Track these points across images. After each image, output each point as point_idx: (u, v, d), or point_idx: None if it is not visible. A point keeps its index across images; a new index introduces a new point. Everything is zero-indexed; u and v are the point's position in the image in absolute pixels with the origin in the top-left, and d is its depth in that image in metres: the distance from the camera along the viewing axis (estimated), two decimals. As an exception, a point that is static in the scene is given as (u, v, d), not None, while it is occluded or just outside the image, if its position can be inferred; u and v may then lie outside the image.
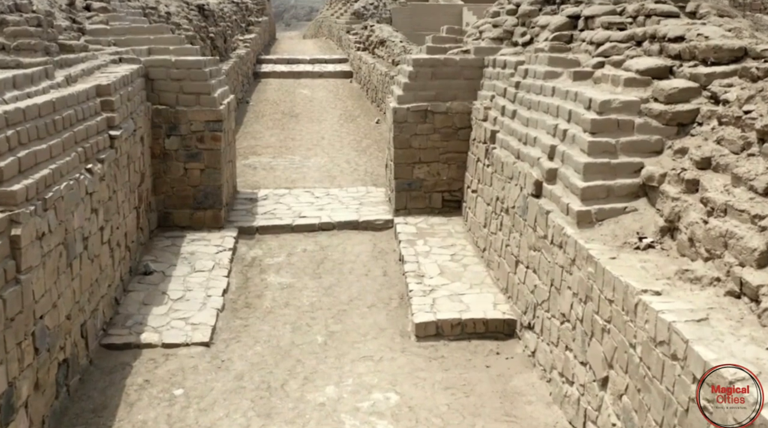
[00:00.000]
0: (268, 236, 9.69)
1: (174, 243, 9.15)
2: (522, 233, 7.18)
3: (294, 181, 12.23)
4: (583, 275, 5.53)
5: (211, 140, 9.56)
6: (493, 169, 8.43)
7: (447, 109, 9.76)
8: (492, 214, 8.37)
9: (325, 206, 10.59)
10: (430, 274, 8.12)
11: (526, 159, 7.32)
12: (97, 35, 10.19)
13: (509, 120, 8.34)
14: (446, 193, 9.98)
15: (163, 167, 9.57)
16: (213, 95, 9.60)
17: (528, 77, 8.29)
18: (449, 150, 9.84)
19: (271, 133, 16.75)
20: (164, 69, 9.48)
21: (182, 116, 9.48)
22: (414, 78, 9.81)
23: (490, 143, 8.68)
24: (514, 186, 7.53)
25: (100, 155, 7.15)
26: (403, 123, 9.77)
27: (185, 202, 9.64)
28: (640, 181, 5.99)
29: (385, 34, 22.89)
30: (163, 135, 9.51)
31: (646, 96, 6.44)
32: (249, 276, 8.52)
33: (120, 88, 8.05)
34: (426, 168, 9.88)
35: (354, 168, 13.19)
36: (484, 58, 9.73)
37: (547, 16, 9.49)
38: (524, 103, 8.05)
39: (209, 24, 19.09)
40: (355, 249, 9.27)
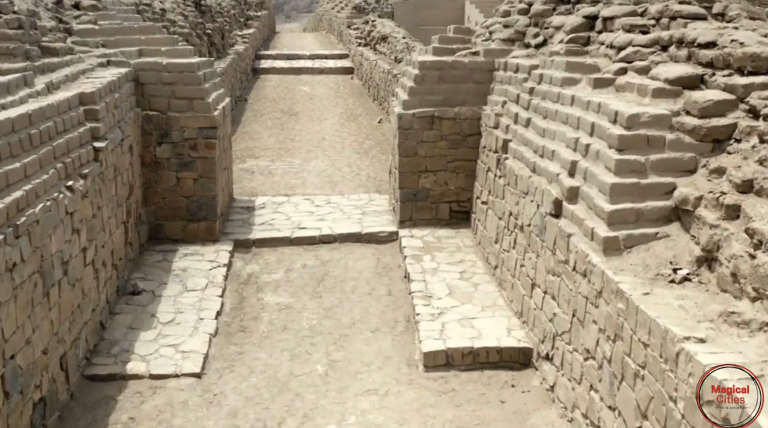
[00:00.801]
0: (266, 250, 9.15)
1: (165, 258, 8.62)
2: (539, 255, 6.64)
3: (293, 187, 11.68)
4: (612, 311, 5.00)
5: (204, 147, 9.01)
6: (506, 181, 7.88)
7: (455, 115, 9.21)
8: (504, 230, 7.83)
9: (325, 216, 10.06)
10: (438, 294, 7.59)
11: (543, 174, 6.77)
12: (84, 36, 9.62)
13: (523, 129, 7.80)
14: (454, 203, 9.43)
15: (154, 177, 9.03)
16: (207, 100, 9.04)
17: (543, 83, 7.74)
18: (457, 158, 9.29)
19: (269, 133, 16.21)
20: (155, 73, 8.92)
21: (174, 122, 8.93)
22: (420, 82, 9.25)
23: (502, 152, 8.14)
24: (529, 202, 6.99)
25: (82, 170, 6.61)
26: (409, 130, 9.22)
27: (178, 213, 9.10)
28: (673, 204, 5.45)
29: (387, 29, 22.31)
30: (154, 143, 8.96)
31: (677, 109, 5.88)
32: (244, 296, 7.99)
33: (106, 95, 7.50)
34: (433, 177, 9.33)
35: (356, 173, 12.64)
36: (494, 61, 9.17)
37: (561, 17, 8.92)
38: (539, 111, 7.50)
39: (206, 20, 18.51)
40: (357, 265, 8.73)
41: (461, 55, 9.41)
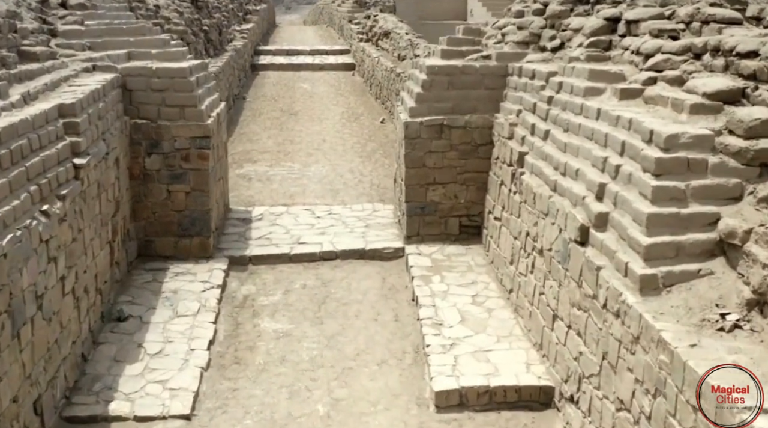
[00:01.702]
0: (263, 268, 8.56)
1: (155, 278, 8.03)
2: (561, 284, 6.05)
3: (293, 196, 11.08)
4: (652, 362, 4.41)
5: (197, 158, 8.41)
6: (522, 198, 7.29)
7: (465, 123, 8.60)
8: (521, 251, 7.24)
9: (327, 229, 9.46)
10: (449, 322, 7.00)
11: (566, 194, 6.18)
12: (70, 38, 9.01)
13: (541, 142, 7.20)
14: (464, 217, 8.83)
15: (144, 190, 8.43)
16: (200, 108, 8.43)
17: (563, 92, 7.14)
18: (468, 170, 8.68)
19: (268, 134, 15.61)
20: (144, 78, 8.31)
21: (165, 131, 8.32)
22: (428, 88, 8.63)
23: (518, 166, 7.54)
24: (550, 225, 6.40)
25: (60, 191, 6.01)
26: (416, 139, 8.61)
27: (169, 229, 8.51)
28: (717, 236, 4.86)
29: (390, 25, 21.65)
30: (143, 153, 8.36)
31: (718, 127, 5.28)
32: (240, 321, 7.41)
33: (89, 105, 6.90)
34: (441, 190, 8.73)
35: (359, 179, 12.04)
36: (507, 66, 8.55)
37: (580, 18, 8.30)
38: (559, 123, 6.90)
39: (203, 16, 17.87)
40: (361, 285, 8.14)
41: (472, 59, 8.79)
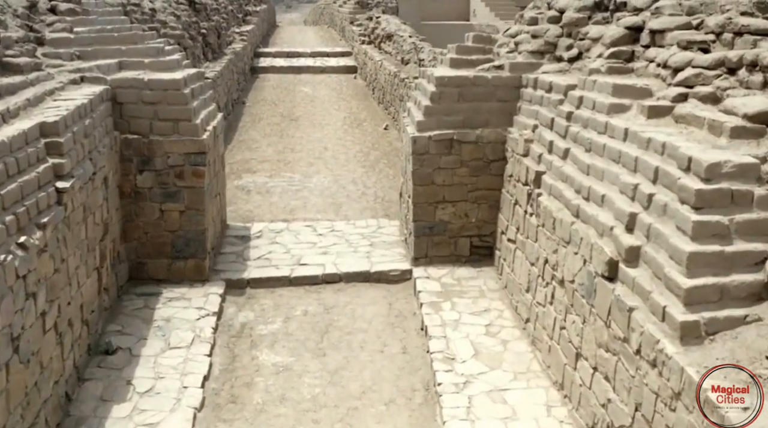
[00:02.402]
0: (262, 292, 8.06)
1: (147, 304, 7.54)
2: (586, 321, 5.56)
3: (293, 210, 10.59)
4: (697, 423, 3.92)
5: (192, 176, 7.91)
6: (540, 221, 6.79)
7: (477, 137, 8.10)
8: (538, 279, 6.75)
9: (329, 249, 8.97)
10: (461, 356, 6.51)
11: (590, 222, 5.68)
12: (57, 46, 8.51)
13: (560, 161, 6.70)
14: (475, 238, 8.33)
15: (135, 209, 7.93)
16: (194, 122, 7.93)
17: (584, 108, 6.64)
18: (479, 187, 8.18)
19: (268, 142, 15.12)
20: (135, 90, 7.81)
21: (157, 147, 7.82)
22: (437, 100, 8.13)
23: (534, 186, 7.04)
24: (572, 254, 5.90)
25: (41, 219, 5.51)
26: (424, 155, 8.11)
27: (162, 250, 8.02)
28: (764, 278, 4.37)
29: (393, 27, 21.14)
30: (134, 170, 7.86)
31: (763, 153, 4.79)
32: (237, 353, 6.91)
33: (74, 122, 6.40)
34: (451, 209, 8.23)
35: (362, 192, 11.54)
36: (521, 77, 8.06)
37: (598, 27, 7.80)
38: (581, 141, 6.41)
39: (201, 19, 17.37)
40: (366, 312, 7.64)
41: (483, 70, 8.29)
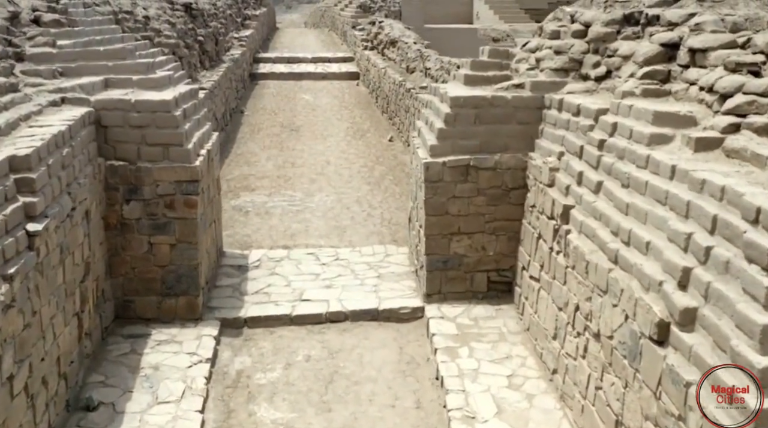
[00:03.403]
0: (260, 333, 7.37)
1: (134, 348, 6.85)
2: (629, 385, 4.87)
3: (294, 235, 9.89)
4: None
5: (183, 206, 7.22)
6: (569, 262, 6.10)
7: (495, 163, 7.41)
8: (567, 326, 6.06)
9: (333, 281, 8.27)
10: (483, 415, 5.81)
11: (632, 272, 4.99)
12: (38, 62, 7.83)
13: (591, 195, 6.01)
14: (493, 272, 7.64)
15: (121, 242, 7.25)
16: (186, 147, 7.24)
17: (618, 136, 5.95)
18: (498, 217, 7.50)
19: (267, 155, 14.45)
20: (121, 113, 7.12)
21: (145, 174, 7.14)
22: (452, 122, 7.44)
23: (562, 221, 6.35)
24: (611, 306, 5.21)
25: (8, 269, 4.82)
26: (438, 183, 7.42)
27: (151, 287, 7.33)
28: None
29: (396, 32, 20.48)
30: (120, 200, 7.17)
31: (843, 203, 4.10)
32: (232, 407, 6.22)
33: (50, 154, 5.72)
34: (467, 241, 7.53)
35: (367, 213, 10.85)
36: (544, 97, 7.37)
37: (629, 43, 7.11)
38: (616, 174, 5.72)
39: (197, 25, 16.68)
40: (375, 357, 6.95)
41: (502, 89, 7.60)
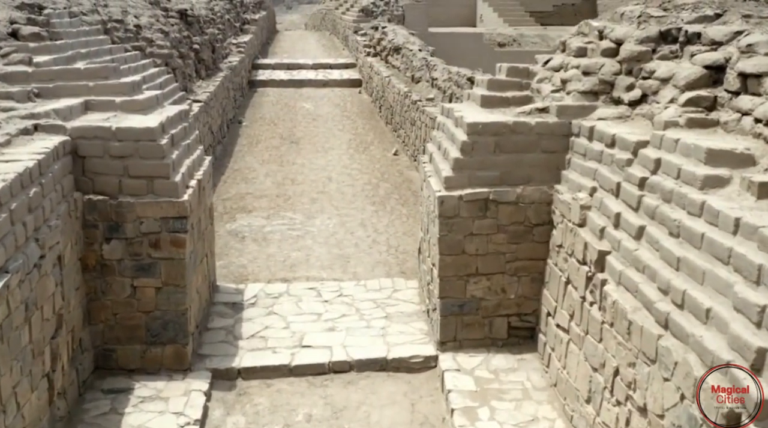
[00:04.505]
0: (256, 386, 6.62)
1: (114, 406, 6.11)
2: (687, 479, 4.14)
3: (294, 266, 9.15)
4: None
5: (170, 245, 6.48)
6: (606, 317, 5.36)
7: (517, 197, 6.67)
8: (605, 391, 5.31)
9: (337, 322, 7.53)
10: (509, 495, 5.08)
11: (689, 342, 4.24)
12: (12, 82, 7.11)
13: (632, 241, 5.27)
14: (514, 317, 6.90)
15: (101, 285, 6.51)
16: (173, 179, 6.50)
17: (662, 174, 5.21)
18: (520, 257, 6.76)
19: (266, 170, 13.73)
20: (100, 142, 6.38)
21: (127, 210, 6.40)
22: (469, 151, 6.70)
23: (597, 269, 5.61)
24: (661, 379, 4.47)
25: (-45, 341, 4.10)
26: (454, 218, 6.67)
27: (134, 335, 6.59)
28: None
29: (400, 39, 19.75)
30: (99, 239, 6.43)
31: None
32: (223, 481, 5.49)
33: (13, 196, 4.98)
34: (486, 283, 6.79)
35: (373, 239, 10.11)
36: (571, 123, 6.63)
37: (667, 63, 6.37)
38: (663, 220, 4.97)
39: (193, 32, 15.96)
40: (384, 417, 6.19)
41: (524, 113, 6.86)
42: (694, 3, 6.87)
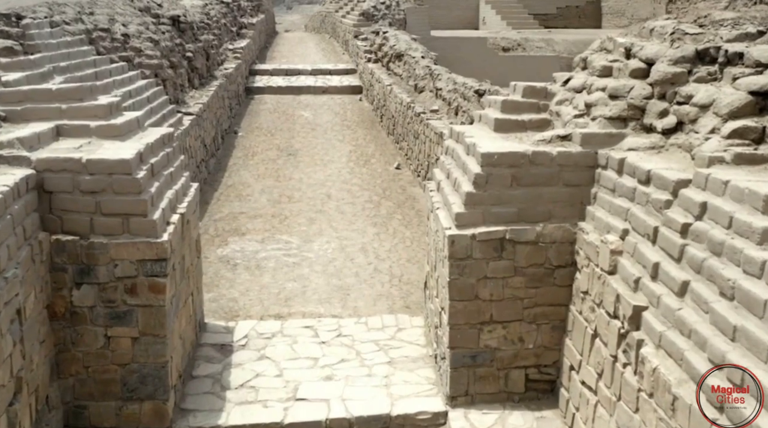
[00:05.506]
0: (244, 447, 5.94)
1: (83, 476, 5.43)
2: None
3: (289, 299, 8.44)
4: None
5: (148, 290, 5.78)
6: (644, 386, 4.65)
7: (537, 236, 5.96)
8: (644, 472, 4.62)
9: (335, 368, 6.83)
10: None
11: (755, 436, 3.56)
12: (-24, 105, 6.42)
13: (674, 299, 4.56)
14: (532, 369, 6.20)
15: (71, 335, 5.81)
16: (151, 217, 5.79)
17: (708, 220, 4.51)
18: (539, 302, 6.05)
19: (262, 186, 13.04)
20: (69, 175, 5.68)
21: (100, 252, 5.69)
22: (483, 185, 5.99)
23: (631, 326, 4.91)
24: (720, 476, 3.78)
25: None
26: (466, 260, 5.96)
27: (108, 390, 5.89)
28: None
29: (403, 45, 19.05)
30: (69, 283, 5.73)
31: None
32: None
33: (-41, 248, 4.29)
34: (501, 331, 6.08)
35: (374, 267, 9.41)
36: (597, 153, 5.93)
37: (706, 87, 5.65)
38: (711, 276, 4.27)
39: (186, 40, 15.26)
40: (388, 487, 5.52)
41: (544, 141, 6.16)
42: (734, 18, 6.17)
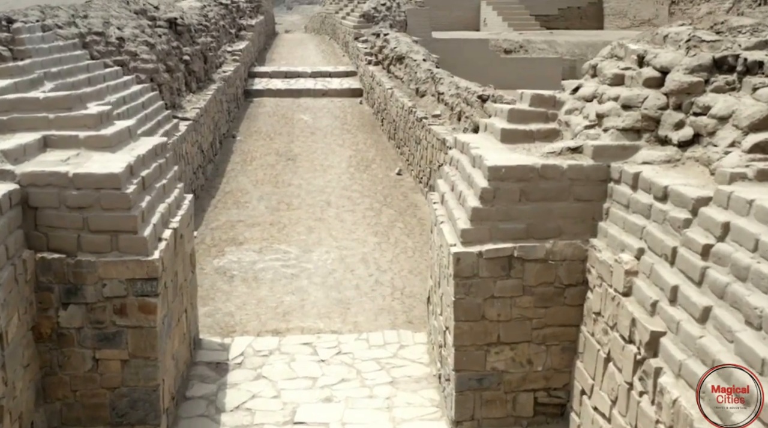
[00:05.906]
0: (239, 476, 5.66)
1: None
2: None
3: (287, 314, 8.16)
4: None
5: (138, 311, 5.50)
6: (663, 418, 4.37)
7: (546, 253, 5.68)
8: None
9: (335, 389, 6.54)
10: None
11: (789, 483, 3.29)
12: (-41, 115, 6.15)
13: (695, 326, 4.28)
14: (541, 392, 5.92)
15: (58, 357, 5.53)
16: (142, 234, 5.51)
17: (731, 242, 4.23)
18: (549, 323, 5.77)
19: (260, 193, 12.77)
20: (55, 190, 5.40)
21: (88, 270, 5.42)
22: (490, 200, 5.71)
23: (647, 352, 4.63)
24: None
25: None
26: (472, 279, 5.68)
27: (97, 415, 5.61)
28: None
29: (404, 47, 18.77)
30: (55, 303, 5.46)
31: None
32: None
33: (-67, 272, 4.01)
34: (509, 353, 5.80)
35: (376, 279, 9.13)
36: (610, 167, 5.65)
37: (725, 98, 5.38)
38: (734, 301, 3.99)
39: (183, 43, 14.99)
40: None
41: (554, 153, 5.88)
42: (752, 25, 5.88)
